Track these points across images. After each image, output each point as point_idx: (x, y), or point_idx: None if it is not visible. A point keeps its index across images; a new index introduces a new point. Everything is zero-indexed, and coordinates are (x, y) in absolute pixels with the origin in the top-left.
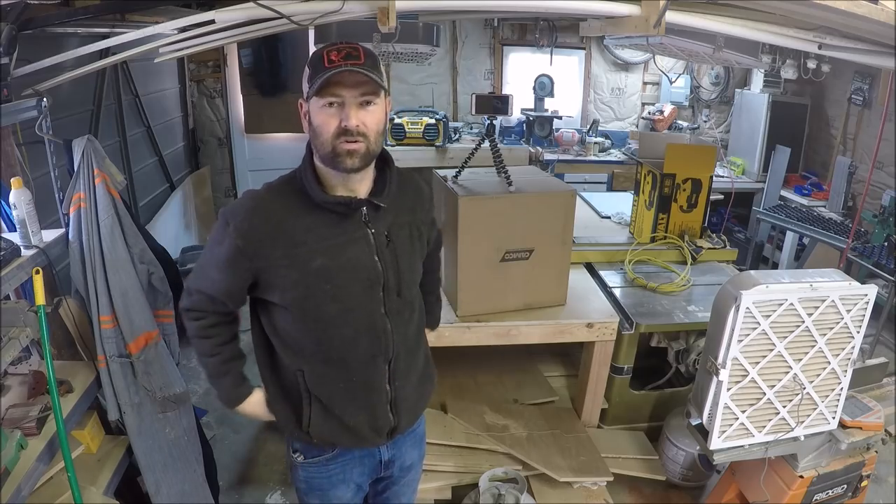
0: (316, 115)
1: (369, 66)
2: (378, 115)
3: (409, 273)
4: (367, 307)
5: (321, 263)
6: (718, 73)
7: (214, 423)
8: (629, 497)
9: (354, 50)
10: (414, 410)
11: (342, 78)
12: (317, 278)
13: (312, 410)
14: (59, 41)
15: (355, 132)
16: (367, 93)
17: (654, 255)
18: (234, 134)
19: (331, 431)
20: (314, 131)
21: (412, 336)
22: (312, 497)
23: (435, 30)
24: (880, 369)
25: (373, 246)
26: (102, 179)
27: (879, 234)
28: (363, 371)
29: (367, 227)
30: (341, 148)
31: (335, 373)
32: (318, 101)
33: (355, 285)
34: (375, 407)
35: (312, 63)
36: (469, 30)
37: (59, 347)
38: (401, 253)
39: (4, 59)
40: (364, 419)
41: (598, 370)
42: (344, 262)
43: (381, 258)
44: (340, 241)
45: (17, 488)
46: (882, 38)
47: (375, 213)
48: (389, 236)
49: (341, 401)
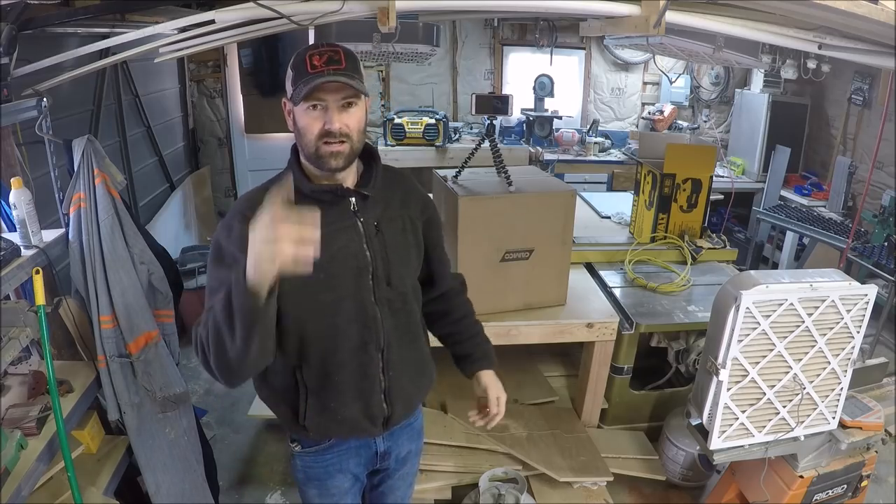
0: (300, 118)
1: (350, 69)
2: (359, 115)
3: (400, 265)
4: (358, 295)
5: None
6: (718, 73)
7: (214, 423)
8: (629, 497)
9: (336, 53)
10: (409, 401)
11: (324, 84)
12: (311, 267)
13: (308, 405)
14: (59, 41)
15: (338, 134)
16: (349, 96)
17: (654, 255)
18: (234, 134)
19: (327, 423)
20: (299, 132)
21: (405, 327)
22: (310, 486)
23: (435, 30)
24: (880, 369)
25: (362, 235)
26: (102, 179)
27: (879, 234)
28: (356, 359)
29: (356, 216)
30: (324, 150)
31: (330, 363)
32: (302, 105)
33: (346, 273)
34: (370, 395)
35: (295, 66)
36: (469, 30)
37: (59, 347)
38: (390, 243)
39: (4, 59)
40: (359, 408)
41: (598, 370)
42: (335, 250)
43: (370, 247)
44: (331, 230)
45: (17, 488)
46: (882, 38)
47: (364, 203)
48: (379, 226)
49: (336, 391)
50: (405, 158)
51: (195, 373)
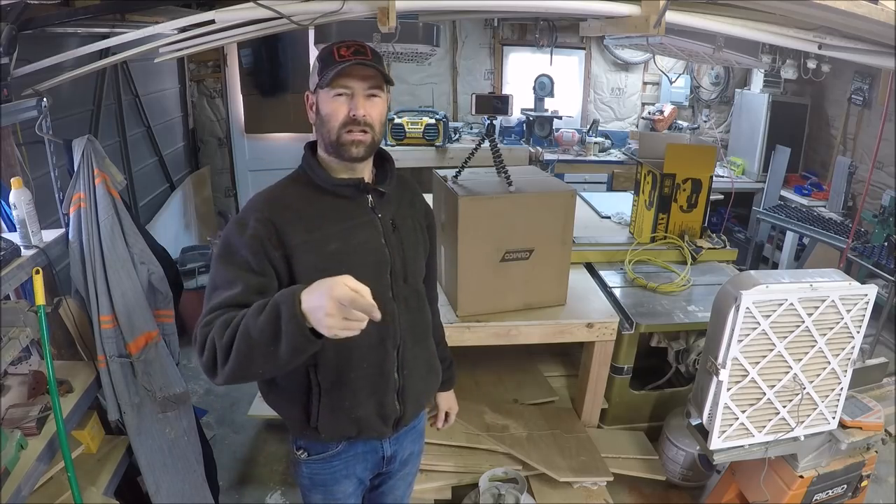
0: (325, 105)
1: (376, 61)
2: (382, 108)
3: (414, 261)
4: (377, 290)
5: (336, 247)
6: (718, 73)
7: (214, 423)
8: (629, 497)
9: (362, 48)
10: (419, 401)
11: (352, 70)
12: (333, 261)
13: (321, 405)
14: (59, 41)
15: (362, 121)
16: (374, 86)
17: (654, 255)
18: (234, 134)
19: (339, 424)
20: (321, 119)
21: (419, 325)
22: (316, 493)
23: (435, 30)
24: (880, 369)
25: (380, 231)
26: (102, 179)
27: (879, 234)
28: (373, 356)
29: (374, 212)
30: (346, 138)
31: (345, 361)
32: (328, 91)
33: (366, 268)
34: (384, 394)
35: (322, 58)
36: (469, 30)
37: (59, 347)
38: (406, 240)
39: (4, 59)
40: (372, 407)
41: (598, 370)
42: (356, 245)
43: (388, 243)
44: (351, 225)
45: (17, 488)
46: (882, 38)
47: (380, 199)
48: (395, 223)
49: (351, 390)
50: (405, 158)
51: (195, 373)
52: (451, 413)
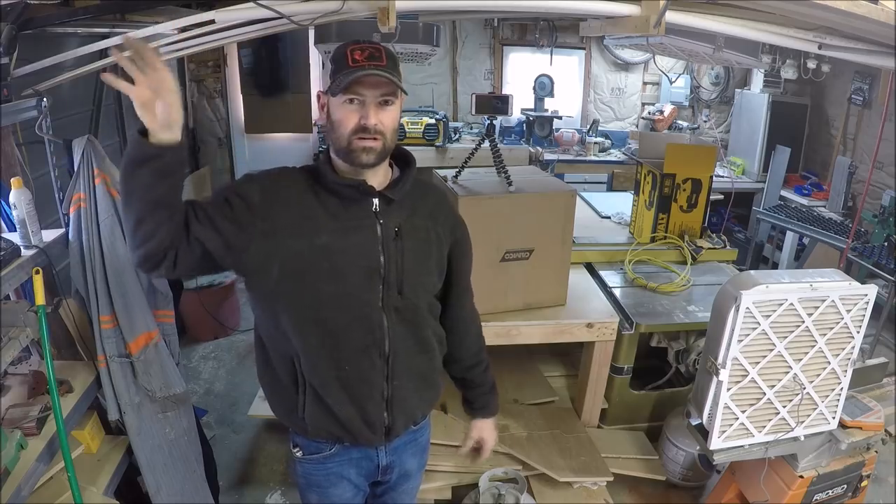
0: (336, 111)
1: (391, 67)
2: (395, 115)
3: (416, 274)
4: (363, 296)
5: (325, 241)
6: (718, 73)
7: (214, 423)
8: (629, 497)
9: (377, 51)
10: (411, 412)
11: (365, 78)
12: (318, 254)
13: (307, 398)
14: (59, 41)
15: (373, 130)
16: (387, 93)
17: (654, 255)
18: (234, 134)
19: (324, 419)
20: (332, 125)
21: (416, 338)
22: (311, 493)
23: (435, 30)
24: (880, 369)
25: (378, 237)
26: (102, 179)
27: (879, 234)
28: (356, 362)
29: (376, 217)
30: (357, 144)
31: (328, 360)
32: (339, 97)
33: (354, 271)
34: (367, 401)
35: (335, 59)
36: (469, 30)
37: (59, 347)
38: (409, 251)
39: (4, 59)
40: (354, 412)
41: (598, 370)
42: (347, 245)
43: (385, 251)
44: (347, 225)
45: (17, 488)
46: (882, 38)
47: (388, 206)
48: (399, 232)
49: (333, 390)
50: None
51: (195, 373)
52: (484, 445)
